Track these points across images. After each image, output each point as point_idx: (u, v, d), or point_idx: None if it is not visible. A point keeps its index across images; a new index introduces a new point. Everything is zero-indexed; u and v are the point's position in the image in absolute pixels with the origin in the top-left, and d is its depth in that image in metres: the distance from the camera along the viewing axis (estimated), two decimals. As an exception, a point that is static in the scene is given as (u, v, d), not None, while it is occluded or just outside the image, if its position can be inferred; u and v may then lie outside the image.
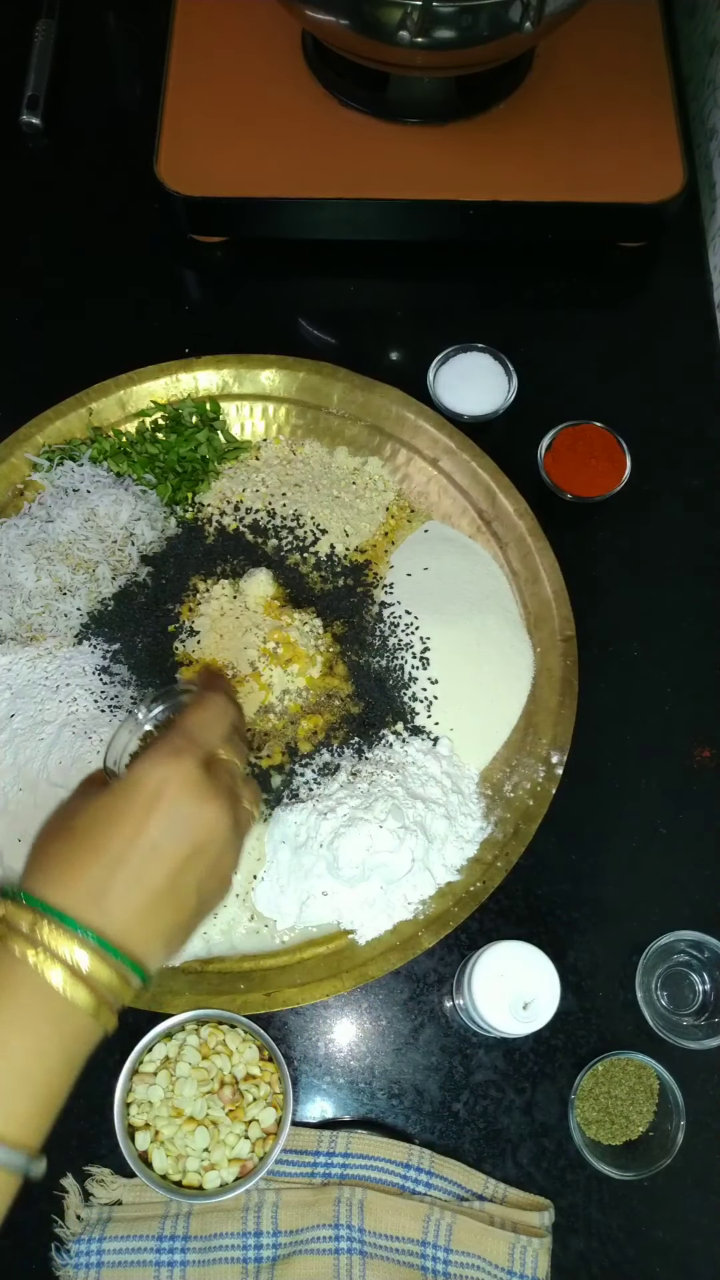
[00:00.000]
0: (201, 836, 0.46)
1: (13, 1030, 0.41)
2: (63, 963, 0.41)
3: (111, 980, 0.43)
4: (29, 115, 0.88)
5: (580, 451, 0.75)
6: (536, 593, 0.71)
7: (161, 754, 0.47)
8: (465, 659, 0.70)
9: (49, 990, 0.41)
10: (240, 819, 0.50)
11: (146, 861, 0.45)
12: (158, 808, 0.45)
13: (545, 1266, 0.59)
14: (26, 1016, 0.41)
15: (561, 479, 0.74)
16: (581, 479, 0.74)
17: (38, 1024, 0.41)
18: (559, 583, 0.71)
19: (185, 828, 0.46)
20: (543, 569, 0.71)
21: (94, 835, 0.45)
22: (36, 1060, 0.41)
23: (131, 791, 0.46)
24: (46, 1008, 0.41)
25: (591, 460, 0.74)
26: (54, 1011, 0.42)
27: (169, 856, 0.45)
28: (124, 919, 0.43)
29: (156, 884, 0.45)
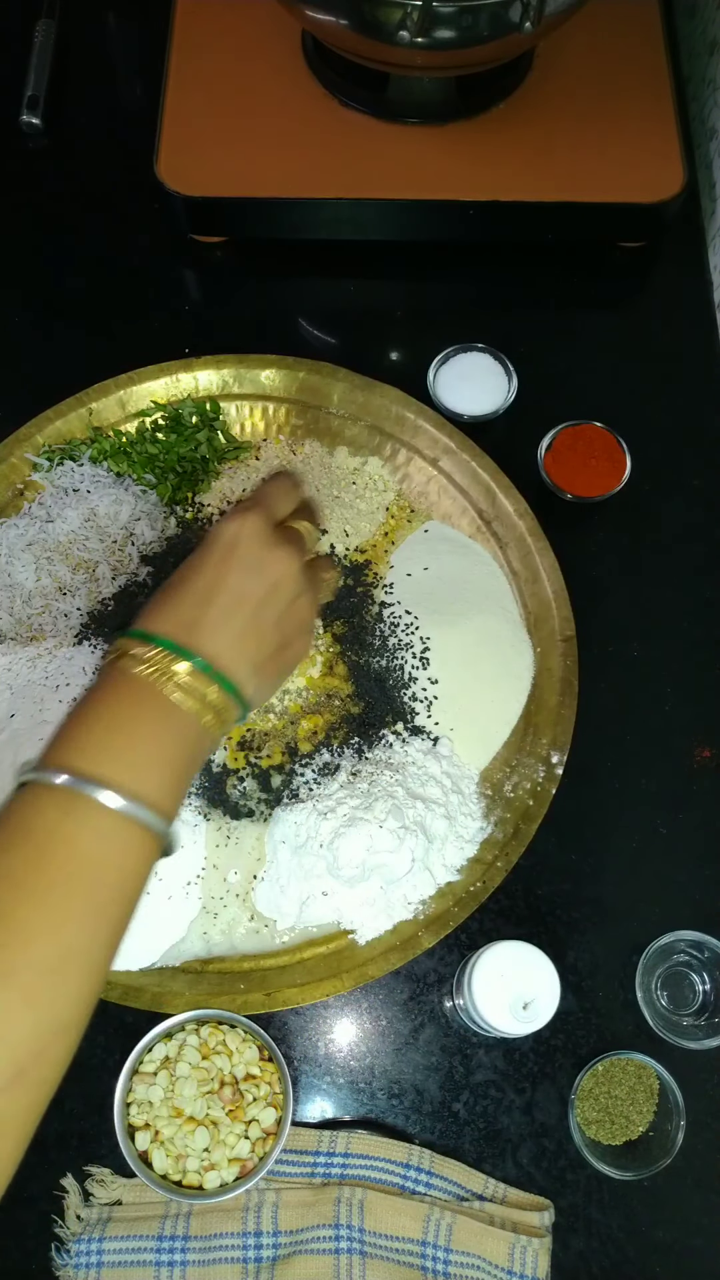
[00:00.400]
0: (273, 576, 0.53)
1: (137, 726, 0.48)
2: (165, 673, 0.48)
3: (208, 690, 0.49)
4: (29, 115, 0.87)
5: (580, 451, 0.75)
6: (536, 593, 0.71)
7: (233, 513, 0.54)
8: (465, 659, 0.70)
9: (158, 696, 0.48)
10: (313, 578, 0.56)
11: (228, 598, 0.51)
12: (234, 553, 0.52)
13: (545, 1266, 0.59)
14: (147, 717, 0.48)
15: (561, 479, 0.74)
16: (581, 479, 0.74)
17: (155, 721, 0.48)
18: (559, 583, 0.71)
19: (258, 569, 0.52)
20: (543, 569, 0.71)
21: (184, 583, 0.52)
22: (159, 747, 0.48)
23: (210, 544, 0.53)
24: (160, 711, 0.48)
25: (591, 460, 0.74)
26: (166, 713, 0.48)
27: (247, 593, 0.52)
28: (213, 644, 0.50)
29: (239, 616, 0.51)
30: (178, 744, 0.49)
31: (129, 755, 0.47)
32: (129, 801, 0.45)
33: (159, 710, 0.49)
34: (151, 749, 0.48)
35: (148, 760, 0.48)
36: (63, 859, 0.44)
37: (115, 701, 0.49)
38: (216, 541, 0.53)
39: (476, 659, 0.70)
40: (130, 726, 0.48)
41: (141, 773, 0.47)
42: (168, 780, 0.48)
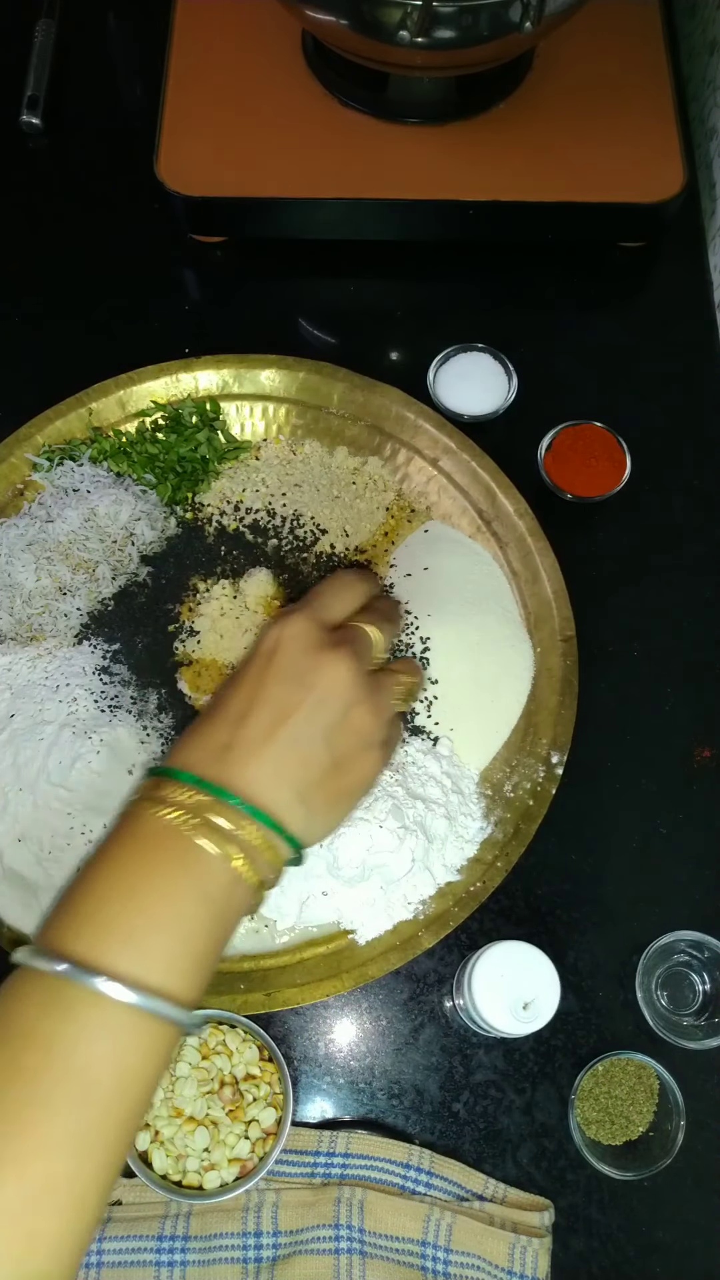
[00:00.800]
0: (319, 684, 0.46)
1: (153, 888, 0.41)
2: (188, 814, 0.42)
3: (242, 829, 0.43)
4: (29, 115, 0.87)
5: (580, 452, 0.75)
6: (536, 593, 0.71)
7: (277, 617, 0.49)
8: (465, 659, 0.70)
9: (181, 843, 0.41)
10: (378, 684, 0.49)
11: (265, 715, 0.45)
12: (273, 663, 0.47)
13: (545, 1266, 0.59)
14: (165, 875, 0.41)
15: (561, 479, 0.74)
16: (581, 479, 0.74)
17: (176, 878, 0.41)
18: (559, 583, 0.71)
19: (300, 677, 0.46)
20: (543, 569, 0.71)
21: (219, 703, 0.47)
22: (178, 913, 0.41)
23: (251, 656, 0.48)
24: (181, 865, 0.42)
25: (591, 460, 0.74)
26: (189, 866, 0.42)
27: (287, 707, 0.45)
28: (246, 774, 0.44)
29: (278, 736, 0.45)
30: (203, 904, 0.41)
31: (139, 929, 0.40)
32: (136, 993, 0.38)
33: (181, 863, 0.41)
34: (168, 917, 0.41)
35: (163, 933, 0.40)
36: (39, 1067, 0.37)
37: (128, 857, 0.42)
38: (256, 651, 0.47)
39: (476, 659, 0.70)
40: (144, 889, 0.41)
41: (154, 952, 0.40)
42: (188, 954, 0.41)
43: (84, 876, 0.42)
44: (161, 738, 0.67)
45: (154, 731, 0.67)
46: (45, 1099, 0.37)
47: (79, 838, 0.64)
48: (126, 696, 0.68)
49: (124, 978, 0.38)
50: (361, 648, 0.49)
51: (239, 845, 0.42)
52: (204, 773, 0.44)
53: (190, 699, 0.69)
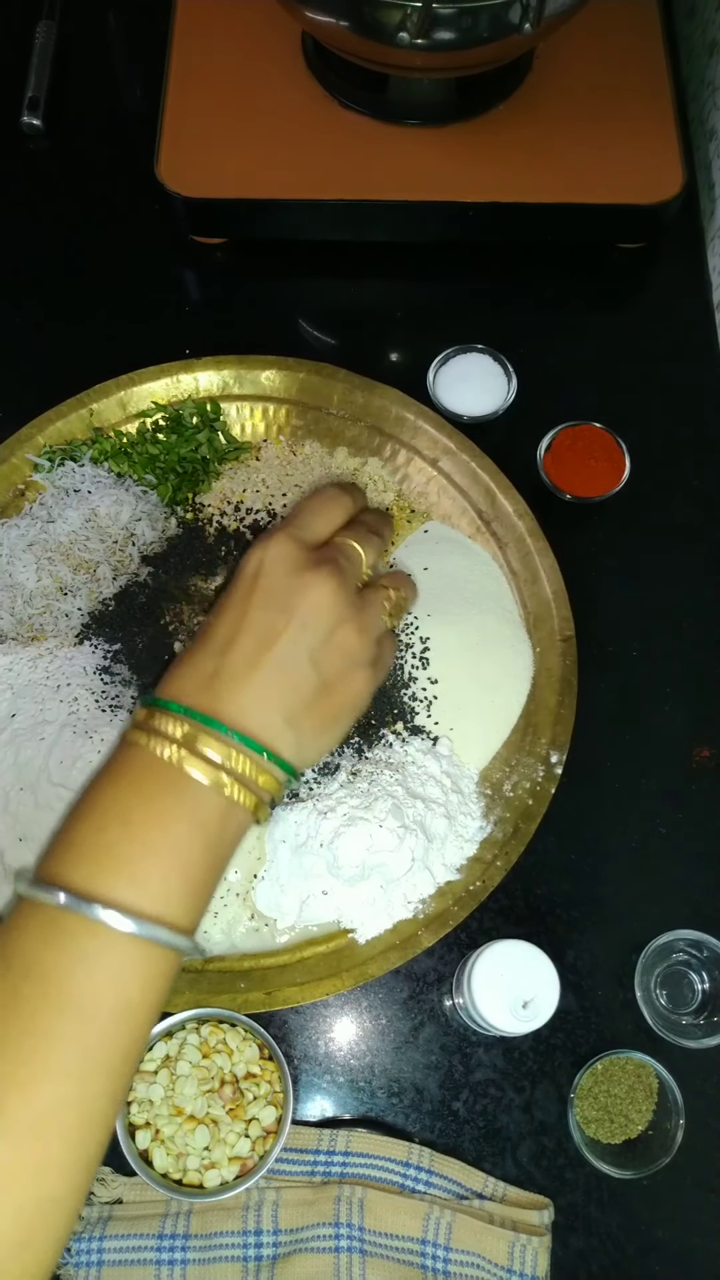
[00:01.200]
0: (302, 606, 0.46)
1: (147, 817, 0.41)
2: (178, 744, 0.42)
3: (232, 757, 0.42)
4: (29, 116, 0.88)
5: (580, 452, 0.75)
6: (536, 593, 0.72)
7: (259, 540, 0.47)
8: (465, 659, 0.70)
9: (172, 773, 0.41)
10: (365, 601, 0.48)
11: (249, 641, 0.44)
12: (256, 587, 0.46)
13: (545, 1265, 0.59)
14: (158, 804, 0.41)
15: (561, 479, 0.75)
16: (581, 479, 0.75)
17: (169, 807, 0.42)
18: (558, 583, 0.71)
19: (283, 600, 0.45)
20: (542, 569, 0.72)
21: (205, 632, 0.46)
22: (172, 841, 0.41)
23: (234, 580, 0.47)
24: (174, 793, 0.42)
25: (591, 460, 0.75)
26: (181, 794, 0.42)
27: (271, 631, 0.45)
28: (234, 701, 0.43)
29: (263, 661, 0.44)
30: (197, 831, 0.41)
31: (135, 856, 0.40)
32: (132, 920, 0.38)
33: (174, 792, 0.41)
34: (163, 844, 0.41)
35: (159, 859, 0.40)
36: (38, 996, 0.37)
37: (123, 788, 0.42)
38: (240, 574, 0.47)
39: (476, 659, 0.70)
40: (139, 819, 0.41)
41: (150, 880, 0.40)
42: (184, 881, 0.41)
43: (80, 807, 0.42)
44: (162, 737, 0.67)
45: (154, 731, 0.67)
46: (45, 1028, 0.37)
47: (80, 837, 0.64)
48: (127, 696, 0.68)
49: (121, 906, 0.38)
50: (347, 564, 0.48)
51: (229, 772, 0.42)
52: (192, 702, 0.43)
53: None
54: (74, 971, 0.38)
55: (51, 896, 0.39)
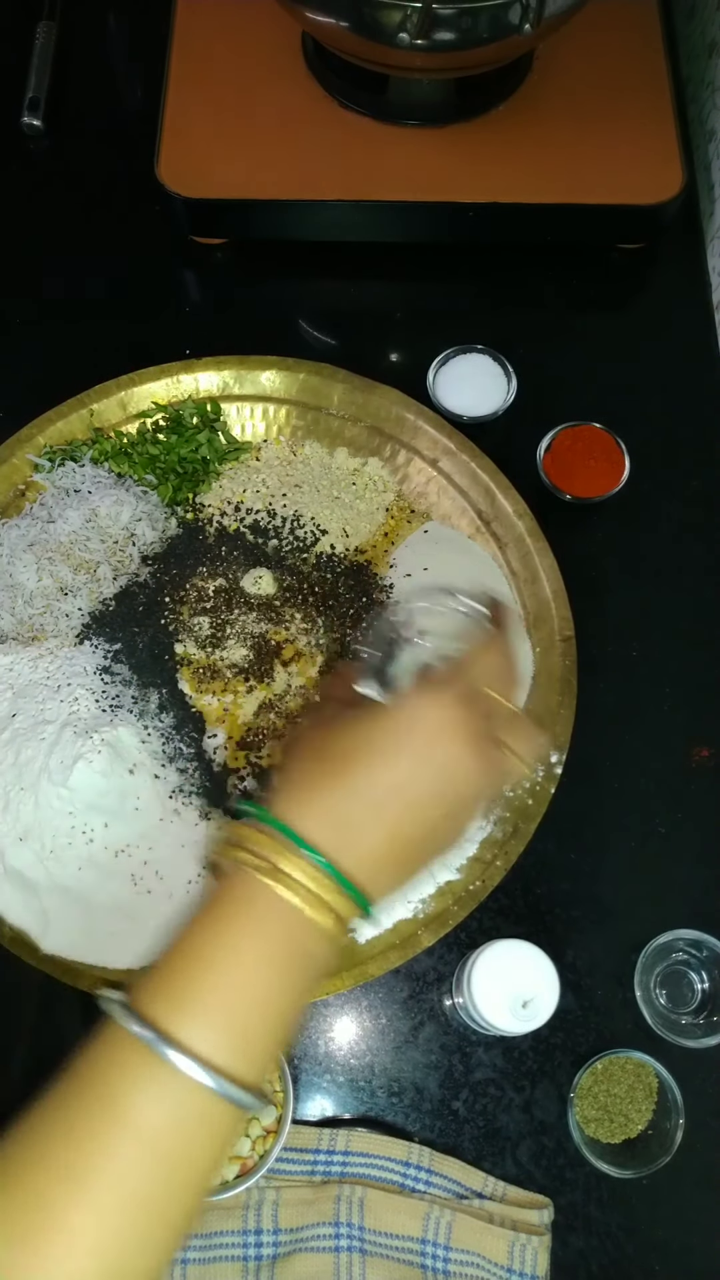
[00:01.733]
0: (454, 787, 0.44)
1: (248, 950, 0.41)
2: (298, 886, 0.41)
3: (339, 907, 0.42)
4: (30, 117, 0.88)
5: (579, 452, 0.75)
6: (536, 593, 0.72)
7: (439, 697, 0.44)
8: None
9: (283, 909, 0.41)
10: (506, 769, 0.47)
11: (393, 802, 0.43)
12: (418, 749, 0.43)
13: (545, 1264, 0.59)
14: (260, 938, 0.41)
15: (561, 479, 0.75)
16: (581, 479, 0.75)
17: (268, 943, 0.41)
18: (558, 583, 0.71)
19: (440, 775, 0.44)
20: (542, 569, 0.72)
21: (347, 763, 0.44)
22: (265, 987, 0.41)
23: (393, 726, 0.44)
24: (278, 929, 0.41)
25: (591, 460, 0.75)
26: (284, 934, 0.42)
27: (417, 802, 0.43)
28: (357, 854, 0.43)
29: (398, 827, 0.43)
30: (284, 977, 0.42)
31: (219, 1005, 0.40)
32: (208, 1074, 0.38)
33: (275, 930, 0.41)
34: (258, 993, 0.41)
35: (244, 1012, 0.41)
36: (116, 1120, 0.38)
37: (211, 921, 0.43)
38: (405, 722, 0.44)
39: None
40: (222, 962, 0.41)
41: (232, 1032, 0.40)
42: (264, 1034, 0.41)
43: (181, 935, 0.43)
44: (162, 737, 0.68)
45: (155, 731, 0.68)
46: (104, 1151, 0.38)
47: (80, 837, 0.64)
48: (127, 696, 0.68)
49: (194, 1054, 0.39)
50: (497, 734, 0.46)
51: (327, 912, 0.42)
52: (319, 844, 0.42)
53: (190, 699, 0.69)
54: (142, 1105, 0.39)
55: (132, 1027, 0.40)
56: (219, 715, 0.69)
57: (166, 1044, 0.39)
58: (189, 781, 0.67)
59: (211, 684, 0.70)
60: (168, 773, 0.67)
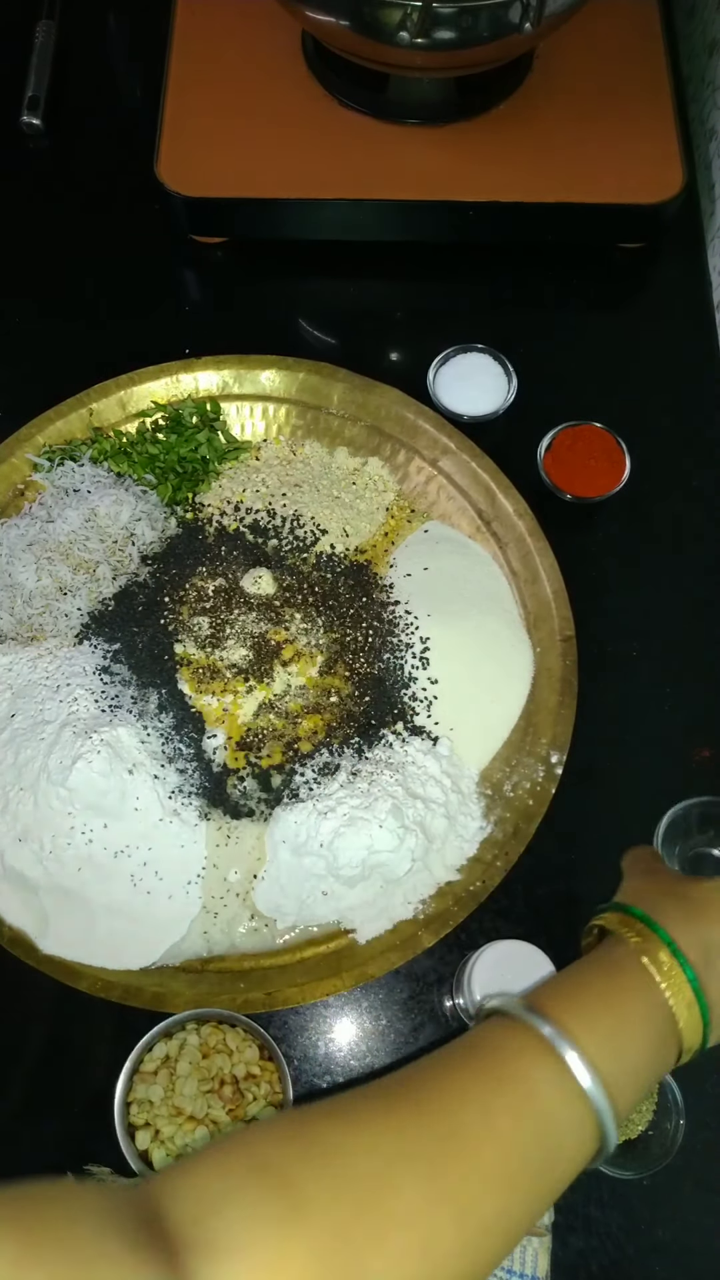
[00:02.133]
0: None
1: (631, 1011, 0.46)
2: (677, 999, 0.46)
3: (694, 1029, 0.47)
4: (29, 116, 0.88)
5: (580, 452, 0.75)
6: (536, 593, 0.72)
7: None
8: (465, 659, 0.70)
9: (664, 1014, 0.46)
10: None
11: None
12: None
13: (545, 1265, 0.59)
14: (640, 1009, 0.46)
15: (561, 479, 0.74)
16: (581, 479, 0.74)
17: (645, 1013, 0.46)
18: (558, 583, 0.71)
19: None
20: (542, 569, 0.71)
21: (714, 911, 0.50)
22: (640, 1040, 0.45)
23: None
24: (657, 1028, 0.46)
25: (591, 461, 0.74)
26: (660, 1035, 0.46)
27: None
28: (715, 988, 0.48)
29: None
30: (655, 1046, 0.46)
31: (611, 1033, 0.44)
32: (594, 1082, 0.42)
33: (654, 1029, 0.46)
34: (633, 1038, 0.45)
35: (627, 1047, 0.45)
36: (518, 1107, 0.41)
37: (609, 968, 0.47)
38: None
39: (476, 659, 0.70)
40: (617, 998, 0.46)
41: (618, 1059, 0.43)
42: (637, 1074, 0.45)
43: (573, 972, 0.48)
44: (161, 737, 0.67)
45: (154, 731, 0.67)
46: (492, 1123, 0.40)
47: (79, 837, 0.64)
48: (127, 696, 0.68)
49: (594, 1067, 0.42)
50: None
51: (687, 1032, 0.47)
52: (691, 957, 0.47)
53: (190, 699, 0.69)
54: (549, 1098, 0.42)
55: (544, 1026, 0.43)
56: (218, 715, 0.69)
57: (567, 1048, 0.42)
58: (188, 782, 0.67)
59: (211, 684, 0.70)
60: (167, 773, 0.67)
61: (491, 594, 0.72)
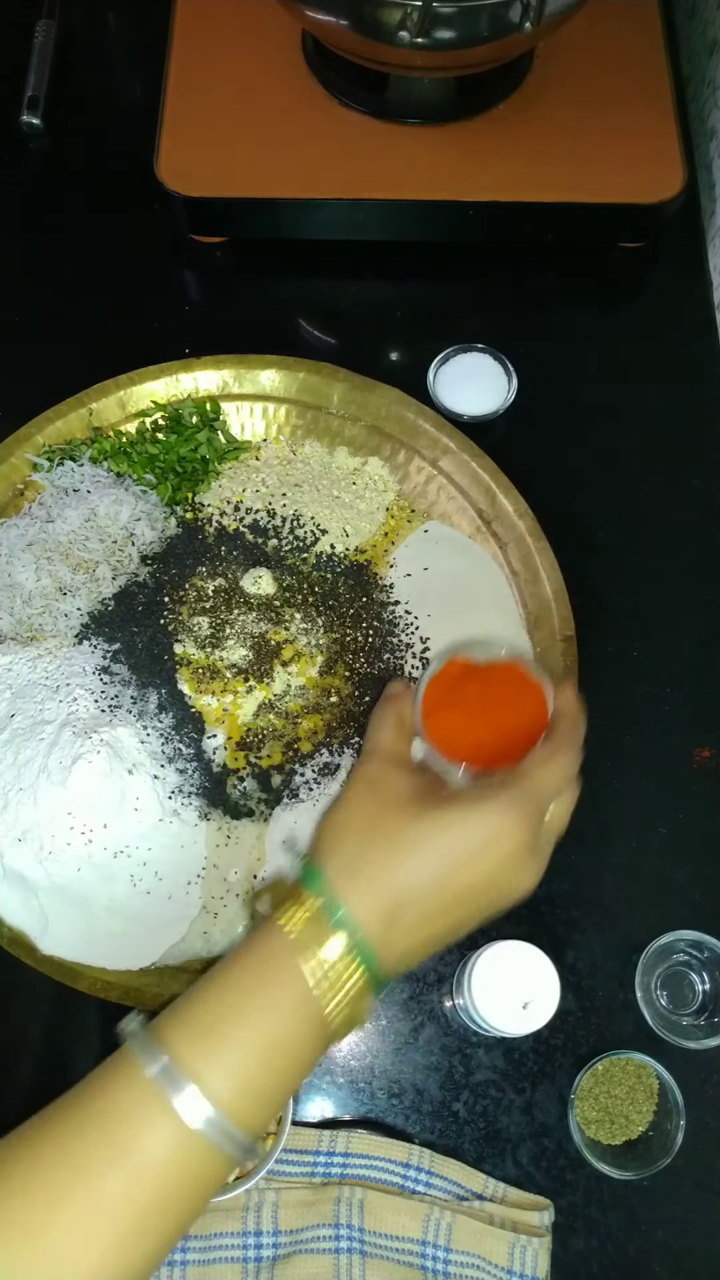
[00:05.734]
0: (508, 900, 0.47)
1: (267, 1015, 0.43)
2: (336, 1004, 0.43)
3: (361, 995, 0.44)
4: (29, 115, 0.88)
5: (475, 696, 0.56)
6: (536, 593, 0.71)
7: (518, 817, 0.46)
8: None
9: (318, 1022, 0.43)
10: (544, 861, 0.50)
11: (448, 908, 0.45)
12: (481, 867, 0.45)
13: (545, 1266, 0.59)
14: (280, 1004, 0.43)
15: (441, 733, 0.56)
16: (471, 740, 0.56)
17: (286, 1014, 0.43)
18: (559, 582, 0.71)
19: (501, 893, 0.47)
20: (542, 569, 0.71)
21: (416, 861, 0.45)
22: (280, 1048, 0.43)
23: (471, 842, 0.45)
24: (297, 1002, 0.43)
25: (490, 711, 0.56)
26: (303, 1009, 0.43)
27: (472, 915, 0.46)
28: (399, 948, 0.45)
29: (441, 930, 0.46)
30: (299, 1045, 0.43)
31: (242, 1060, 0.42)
32: (210, 1119, 0.40)
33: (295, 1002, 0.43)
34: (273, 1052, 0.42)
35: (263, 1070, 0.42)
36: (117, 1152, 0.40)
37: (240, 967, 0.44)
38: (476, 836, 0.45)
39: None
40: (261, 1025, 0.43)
41: (248, 1079, 0.42)
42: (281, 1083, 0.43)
43: (214, 973, 0.45)
44: (161, 737, 0.67)
45: (154, 731, 0.67)
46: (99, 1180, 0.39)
47: (79, 838, 0.64)
48: (127, 696, 0.68)
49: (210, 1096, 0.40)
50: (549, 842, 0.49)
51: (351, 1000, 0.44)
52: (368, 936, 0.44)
53: (190, 699, 0.69)
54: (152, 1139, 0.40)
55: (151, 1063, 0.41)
56: (218, 715, 0.69)
57: (178, 1088, 0.40)
58: (188, 782, 0.67)
59: (211, 684, 0.70)
60: (167, 773, 0.67)
61: (491, 594, 0.72)
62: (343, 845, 0.47)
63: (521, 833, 0.46)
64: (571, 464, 0.78)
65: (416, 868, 0.45)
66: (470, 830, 0.46)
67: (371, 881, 0.45)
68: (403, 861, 0.45)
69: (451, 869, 0.45)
